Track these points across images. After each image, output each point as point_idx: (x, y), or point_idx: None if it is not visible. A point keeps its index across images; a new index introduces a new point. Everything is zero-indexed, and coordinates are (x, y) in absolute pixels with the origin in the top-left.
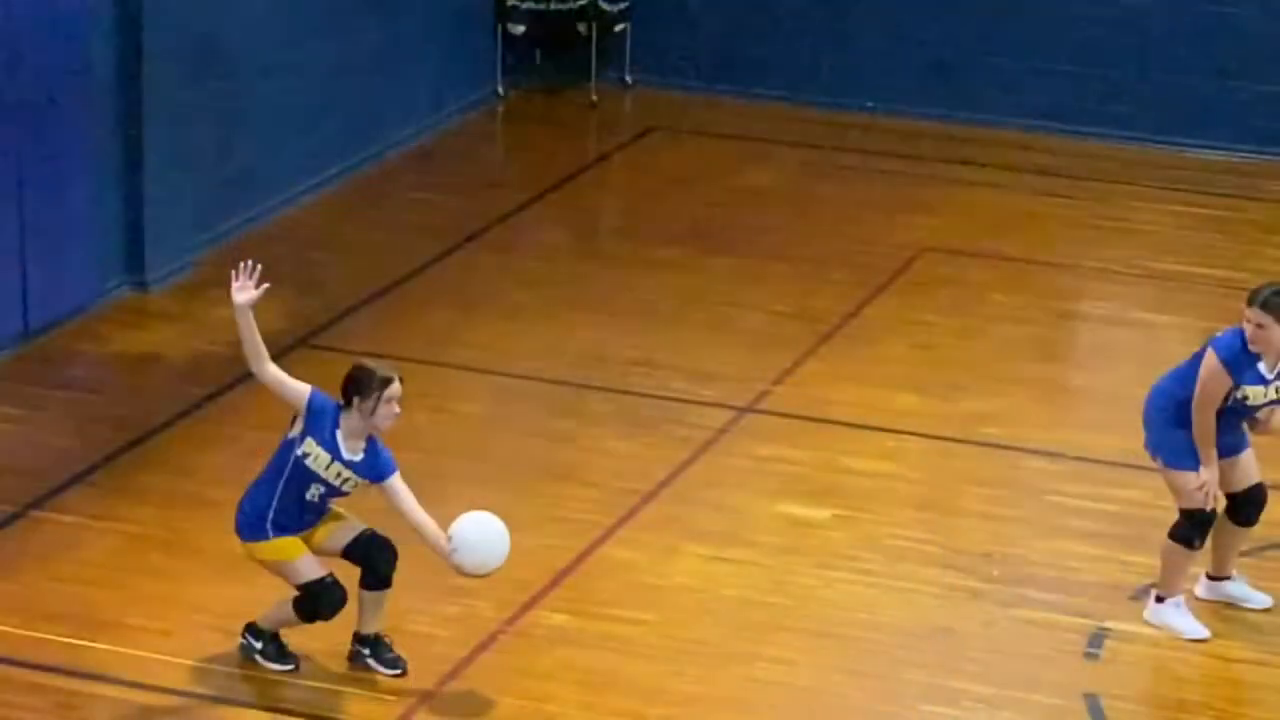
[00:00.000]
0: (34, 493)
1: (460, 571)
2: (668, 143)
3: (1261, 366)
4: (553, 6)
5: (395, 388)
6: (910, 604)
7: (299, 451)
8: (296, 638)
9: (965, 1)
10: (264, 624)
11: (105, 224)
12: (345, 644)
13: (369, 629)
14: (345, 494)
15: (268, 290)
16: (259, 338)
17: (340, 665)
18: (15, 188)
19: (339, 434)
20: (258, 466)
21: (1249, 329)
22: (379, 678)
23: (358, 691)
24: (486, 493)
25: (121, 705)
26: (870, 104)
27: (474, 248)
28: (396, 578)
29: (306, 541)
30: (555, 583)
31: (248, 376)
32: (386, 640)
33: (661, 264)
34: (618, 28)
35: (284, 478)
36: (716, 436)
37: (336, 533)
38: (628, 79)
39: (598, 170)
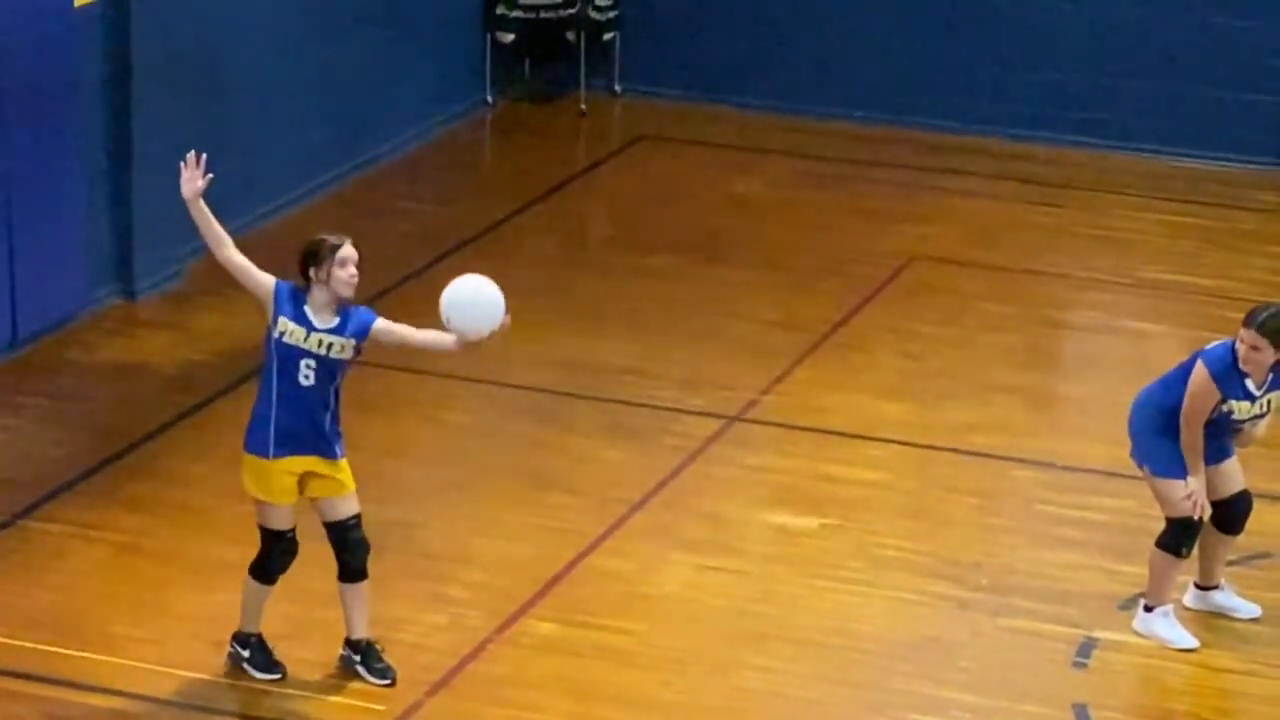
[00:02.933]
0: (22, 502)
1: (465, 339)
2: (657, 152)
3: (1249, 383)
4: (542, 15)
5: (347, 250)
6: (898, 613)
7: (275, 334)
8: (286, 647)
9: (954, 11)
10: (243, 625)
11: (94, 233)
12: (334, 654)
13: (358, 633)
14: (339, 363)
15: (254, 305)
16: (216, 224)
17: (329, 675)
18: (4, 196)
19: (307, 309)
20: None
21: (1243, 349)
22: (368, 686)
23: (346, 701)
24: (475, 502)
25: (109, 715)
26: (859, 112)
27: (463, 256)
28: (387, 587)
29: (303, 486)
30: (544, 592)
31: (236, 385)
32: (378, 648)
33: (650, 273)
34: (607, 36)
35: (274, 369)
36: (705, 445)
37: (334, 501)
38: (617, 88)
39: (587, 179)
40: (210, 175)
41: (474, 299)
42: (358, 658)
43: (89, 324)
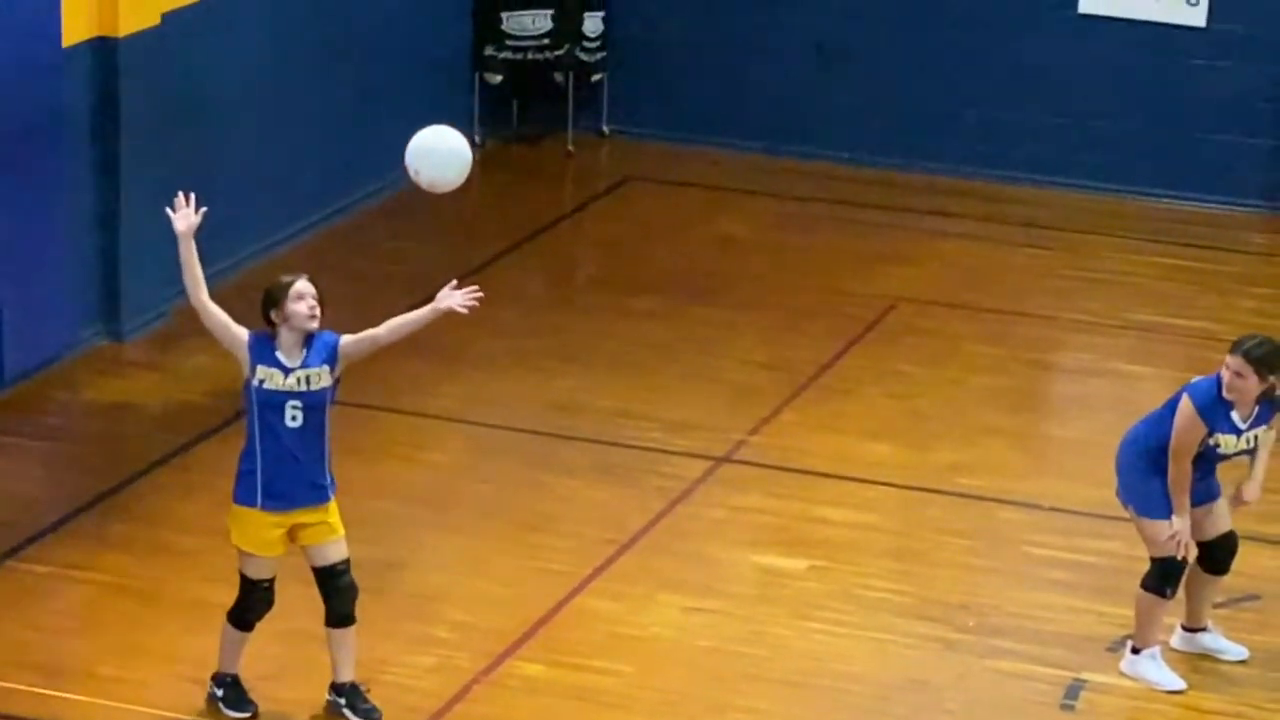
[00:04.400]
0: (8, 542)
1: (436, 186)
2: (644, 193)
3: (1235, 416)
4: (530, 56)
5: (301, 285)
6: (885, 655)
7: (255, 382)
8: (272, 687)
9: (941, 53)
10: (221, 664)
11: (81, 273)
12: (320, 695)
13: (343, 676)
14: (323, 395)
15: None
16: (199, 268)
17: (314, 716)
18: None
19: (278, 353)
20: None
21: (1227, 375)
22: None
23: None
24: (461, 543)
25: None
26: (846, 154)
27: None
28: (372, 629)
29: (294, 535)
30: (530, 633)
31: (222, 426)
32: (363, 689)
33: (638, 314)
34: (594, 78)
35: (257, 417)
36: (692, 487)
37: (323, 547)
38: (604, 129)
39: (574, 220)
40: (205, 209)
41: (441, 147)
42: (342, 700)
43: (76, 364)
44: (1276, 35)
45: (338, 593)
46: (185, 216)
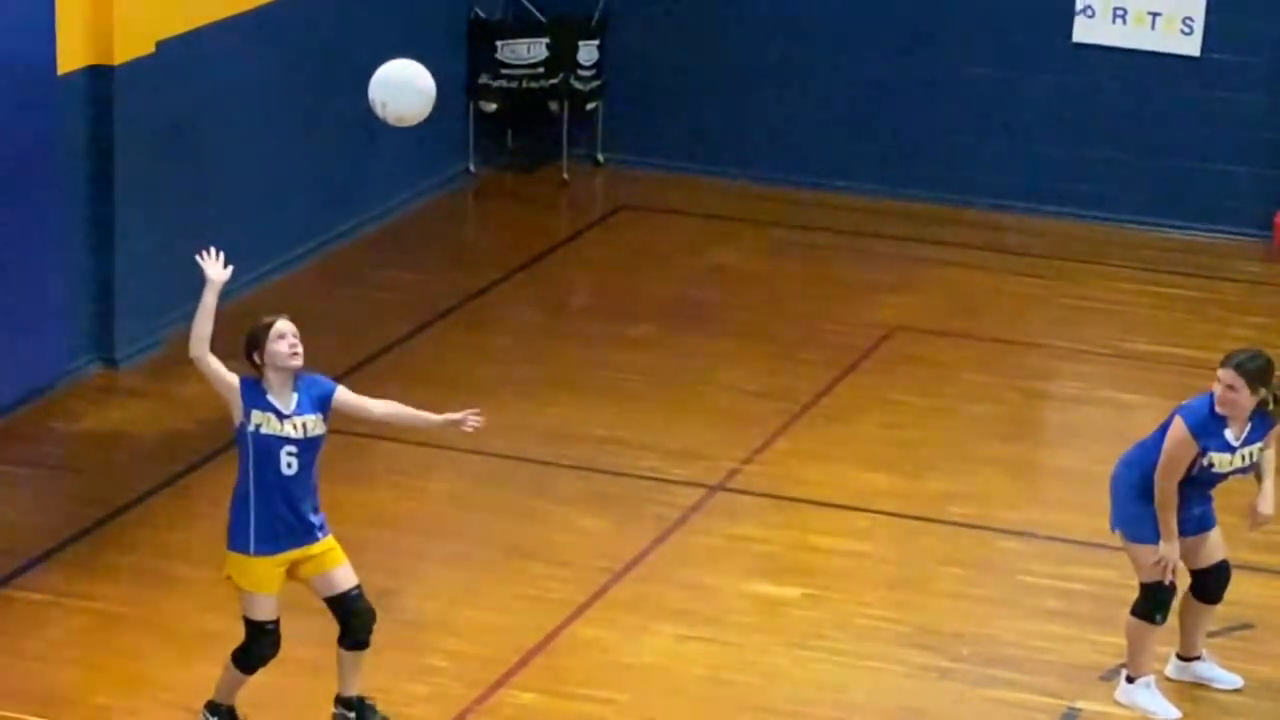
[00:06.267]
0: (2, 570)
1: (403, 118)
2: (639, 221)
3: (1229, 433)
4: (524, 85)
5: (280, 324)
6: (880, 683)
7: (250, 428)
8: (265, 716)
9: (935, 81)
10: (217, 696)
11: (75, 301)
12: None
13: (350, 690)
14: (317, 441)
15: (234, 365)
16: (212, 323)
17: None
18: None
19: (270, 397)
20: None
21: (1219, 390)
22: None
23: None
24: (456, 571)
25: None
26: (840, 183)
27: (445, 325)
28: (368, 657)
29: (295, 572)
30: (525, 661)
31: (218, 454)
32: (370, 702)
33: (632, 342)
34: (589, 106)
35: (251, 461)
36: (687, 515)
37: (329, 575)
38: (599, 157)
39: (569, 248)
40: (231, 267)
41: (407, 78)
42: (352, 715)
43: (70, 392)
44: (1270, 64)
45: (357, 616)
46: (218, 267)
